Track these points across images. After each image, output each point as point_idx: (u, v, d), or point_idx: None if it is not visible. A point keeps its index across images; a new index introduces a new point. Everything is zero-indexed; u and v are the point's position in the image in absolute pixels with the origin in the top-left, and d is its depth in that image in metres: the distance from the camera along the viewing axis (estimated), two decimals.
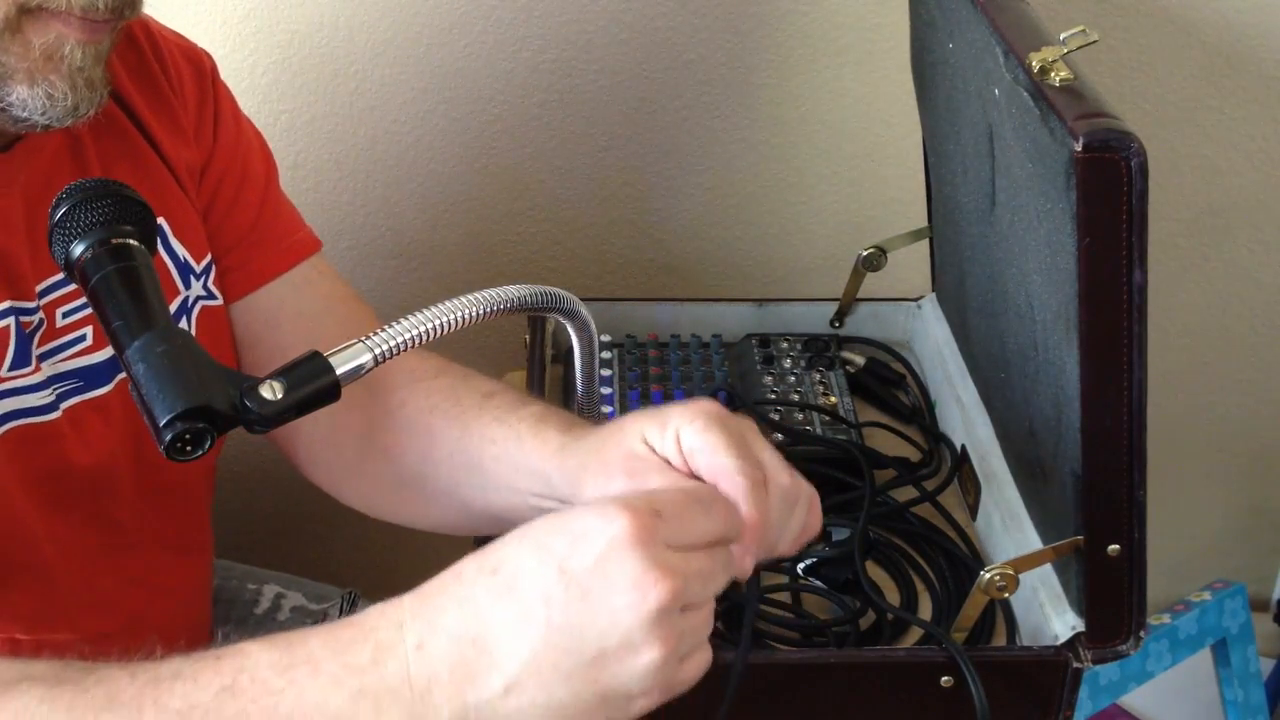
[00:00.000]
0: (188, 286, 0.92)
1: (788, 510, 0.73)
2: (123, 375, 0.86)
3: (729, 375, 1.23)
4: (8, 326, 0.80)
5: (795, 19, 1.36)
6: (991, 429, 1.08)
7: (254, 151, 0.99)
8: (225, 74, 0.97)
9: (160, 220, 0.89)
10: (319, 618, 1.17)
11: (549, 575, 0.59)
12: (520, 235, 1.46)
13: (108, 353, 0.87)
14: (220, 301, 0.94)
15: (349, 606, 1.18)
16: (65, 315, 0.85)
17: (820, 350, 1.25)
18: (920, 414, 1.20)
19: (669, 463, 0.73)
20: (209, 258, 0.93)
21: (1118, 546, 0.83)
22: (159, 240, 0.85)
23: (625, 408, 1.17)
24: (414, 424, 0.93)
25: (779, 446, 1.11)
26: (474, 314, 0.68)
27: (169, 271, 0.91)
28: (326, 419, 0.81)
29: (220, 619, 1.16)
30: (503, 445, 0.86)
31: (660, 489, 0.70)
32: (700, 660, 0.63)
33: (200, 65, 0.96)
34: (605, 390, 1.19)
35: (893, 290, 1.30)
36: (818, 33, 1.37)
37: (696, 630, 0.62)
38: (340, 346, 0.64)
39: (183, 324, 0.92)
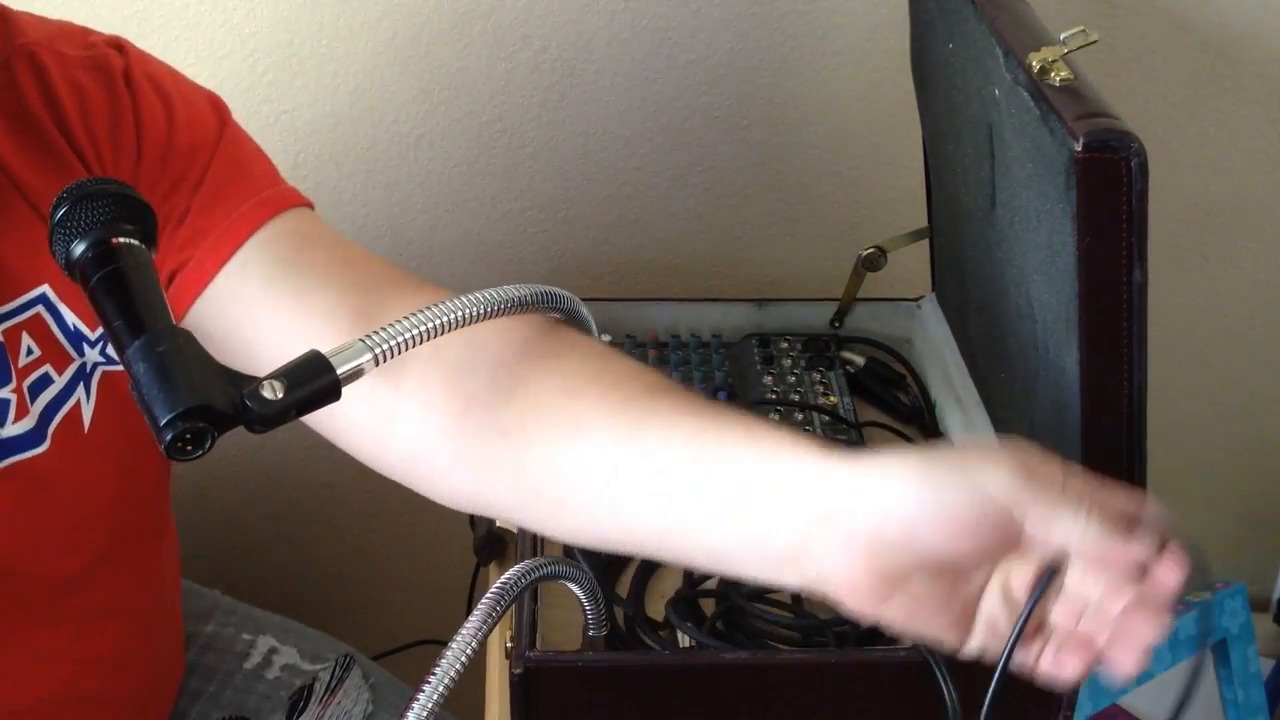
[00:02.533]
0: (81, 354, 0.85)
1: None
2: None
3: (729, 375, 1.23)
4: None
5: (795, 19, 1.36)
6: (991, 429, 1.08)
7: (196, 122, 0.87)
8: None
9: (44, 287, 0.83)
10: (308, 679, 1.12)
11: None
12: (520, 235, 1.46)
13: None
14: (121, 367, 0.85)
15: (343, 671, 1.13)
16: None
17: (820, 350, 1.25)
18: (920, 414, 1.20)
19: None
20: None
21: None
22: (45, 308, 0.81)
23: None
24: (549, 409, 0.75)
25: None
26: (474, 314, 0.67)
27: (59, 341, 0.84)
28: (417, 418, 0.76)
29: (207, 671, 1.12)
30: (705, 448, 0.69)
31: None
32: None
33: (108, 68, 0.85)
34: None
35: (893, 290, 1.30)
36: (817, 33, 1.37)
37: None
38: (340, 346, 0.64)
39: (79, 393, 0.86)
